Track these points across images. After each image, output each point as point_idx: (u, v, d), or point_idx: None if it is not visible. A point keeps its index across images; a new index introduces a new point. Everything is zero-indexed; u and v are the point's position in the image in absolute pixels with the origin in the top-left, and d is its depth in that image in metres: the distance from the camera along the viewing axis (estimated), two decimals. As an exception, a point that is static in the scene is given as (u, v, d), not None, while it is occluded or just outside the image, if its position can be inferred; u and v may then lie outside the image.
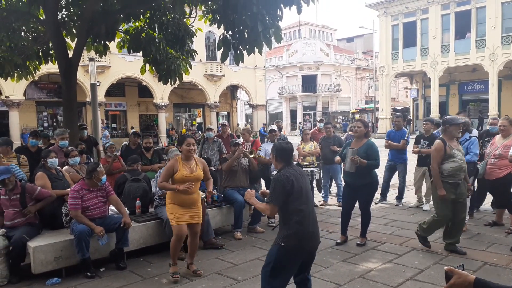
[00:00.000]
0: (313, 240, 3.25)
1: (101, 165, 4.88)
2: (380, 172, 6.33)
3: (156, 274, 4.60)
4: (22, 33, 8.45)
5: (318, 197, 8.21)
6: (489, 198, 6.96)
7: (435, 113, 28.13)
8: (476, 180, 6.30)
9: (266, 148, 7.07)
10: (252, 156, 6.48)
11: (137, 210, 5.41)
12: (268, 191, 3.40)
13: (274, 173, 4.67)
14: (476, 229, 6.03)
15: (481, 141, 6.49)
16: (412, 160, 7.90)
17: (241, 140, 7.56)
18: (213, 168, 6.85)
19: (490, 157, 5.87)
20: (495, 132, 6.37)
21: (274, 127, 7.34)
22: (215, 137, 7.77)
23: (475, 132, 6.42)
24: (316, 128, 9.35)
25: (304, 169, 7.22)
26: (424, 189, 7.50)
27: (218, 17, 6.53)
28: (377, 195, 7.25)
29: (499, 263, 4.59)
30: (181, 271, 4.54)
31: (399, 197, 7.91)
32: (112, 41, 8.51)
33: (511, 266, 4.45)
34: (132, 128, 24.76)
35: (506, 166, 5.57)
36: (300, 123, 42.15)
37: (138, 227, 5.10)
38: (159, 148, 12.48)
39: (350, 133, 8.04)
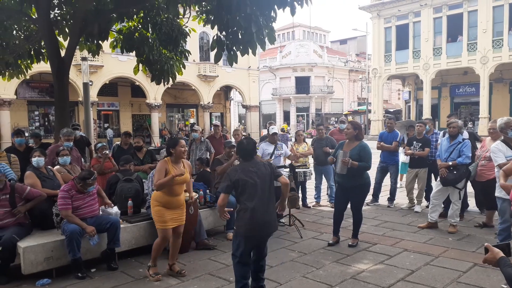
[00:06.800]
0: (263, 228, 3.69)
1: (95, 175, 4.79)
2: (372, 174, 6.36)
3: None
4: (14, 32, 8.36)
5: (310, 198, 8.23)
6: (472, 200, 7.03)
7: (427, 115, 28.31)
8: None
9: (265, 148, 7.10)
10: None
11: (129, 211, 5.37)
12: None
13: None
14: (467, 230, 6.09)
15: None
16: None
17: (233, 140, 7.56)
18: (208, 169, 6.83)
19: (480, 159, 5.93)
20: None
21: (276, 129, 7.35)
22: (202, 137, 7.76)
23: (465, 135, 6.48)
24: (336, 128, 9.33)
25: (297, 170, 7.25)
26: (415, 190, 7.55)
27: (212, 18, 6.52)
28: (369, 197, 7.28)
29: (489, 265, 4.63)
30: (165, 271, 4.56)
31: (391, 198, 7.96)
32: (105, 41, 8.46)
33: (501, 267, 4.49)
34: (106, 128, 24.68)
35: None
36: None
37: (130, 227, 5.07)
38: (152, 148, 12.44)
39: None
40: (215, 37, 6.43)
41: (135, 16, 8.26)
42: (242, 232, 3.64)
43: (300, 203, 7.78)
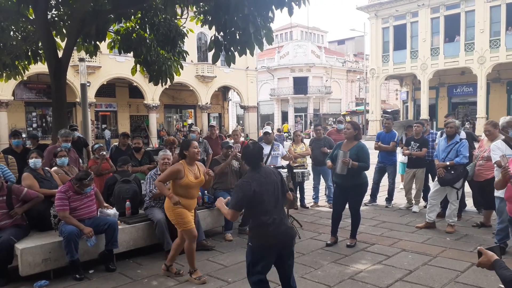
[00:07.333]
0: (282, 238, 3.31)
1: (92, 176, 4.78)
2: (370, 174, 6.37)
3: (146, 276, 4.57)
4: (11, 33, 8.34)
5: (308, 199, 8.24)
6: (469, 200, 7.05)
7: (424, 115, 28.39)
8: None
9: None
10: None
11: (127, 212, 5.37)
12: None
13: None
14: (464, 230, 6.10)
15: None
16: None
17: (231, 141, 7.55)
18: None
19: (478, 159, 5.94)
20: None
21: (269, 129, 7.34)
22: (200, 138, 7.74)
23: (463, 135, 6.50)
24: (334, 128, 9.32)
25: (295, 170, 7.25)
26: (413, 191, 7.56)
27: (210, 18, 6.52)
28: (367, 197, 7.29)
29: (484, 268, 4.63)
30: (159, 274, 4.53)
31: (389, 198, 7.97)
32: (103, 42, 8.45)
33: (498, 267, 4.50)
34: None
35: (494, 168, 5.63)
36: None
37: (128, 228, 5.07)
38: (150, 149, 12.42)
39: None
40: (213, 38, 6.44)
41: (132, 17, 8.26)
42: (266, 245, 3.28)
43: (298, 203, 7.78)
